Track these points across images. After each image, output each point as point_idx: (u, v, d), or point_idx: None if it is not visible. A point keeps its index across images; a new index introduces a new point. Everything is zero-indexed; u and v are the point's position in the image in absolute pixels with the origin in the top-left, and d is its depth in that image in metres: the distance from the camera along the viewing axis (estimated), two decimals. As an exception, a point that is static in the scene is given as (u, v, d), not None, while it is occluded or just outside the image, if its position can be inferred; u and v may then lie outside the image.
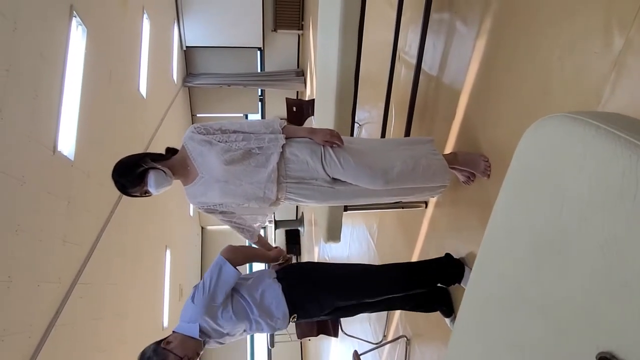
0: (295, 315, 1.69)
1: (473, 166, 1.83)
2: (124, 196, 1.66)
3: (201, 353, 1.56)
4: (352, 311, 1.89)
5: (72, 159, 3.17)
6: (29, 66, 2.68)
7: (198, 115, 8.86)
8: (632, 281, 0.44)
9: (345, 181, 1.72)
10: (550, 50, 1.41)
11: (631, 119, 0.52)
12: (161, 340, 1.54)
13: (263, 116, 9.06)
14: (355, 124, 3.97)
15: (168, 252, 6.44)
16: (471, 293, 0.77)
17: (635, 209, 0.43)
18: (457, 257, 1.97)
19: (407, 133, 2.35)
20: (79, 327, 3.29)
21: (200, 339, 1.56)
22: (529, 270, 0.59)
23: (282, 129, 1.68)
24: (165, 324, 6.10)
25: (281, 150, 1.64)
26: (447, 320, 2.03)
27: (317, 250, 6.97)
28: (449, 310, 2.01)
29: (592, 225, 0.49)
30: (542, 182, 0.57)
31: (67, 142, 3.17)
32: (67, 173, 3.12)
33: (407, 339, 2.88)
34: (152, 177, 1.59)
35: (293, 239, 10.41)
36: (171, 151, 1.70)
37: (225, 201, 1.73)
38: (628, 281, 0.44)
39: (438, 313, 2.10)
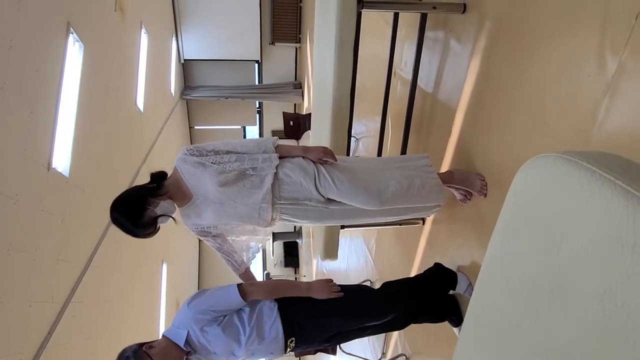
0: (293, 339, 1.65)
1: (469, 185, 1.82)
2: None
3: None
4: (351, 336, 1.85)
5: (67, 176, 3.15)
6: (24, 83, 2.67)
7: (196, 127, 8.88)
8: (631, 335, 0.42)
9: (339, 201, 1.70)
10: (545, 71, 1.41)
11: (627, 161, 0.50)
12: (145, 343, 1.50)
13: (261, 128, 9.07)
14: (352, 138, 3.98)
15: (164, 266, 6.38)
16: (469, 325, 0.75)
17: (634, 260, 0.42)
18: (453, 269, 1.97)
19: (404, 148, 2.35)
20: (73, 347, 3.23)
21: (184, 348, 1.51)
22: (526, 312, 0.57)
23: (275, 148, 1.66)
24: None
25: (275, 170, 1.62)
26: (456, 330, 1.99)
27: (315, 262, 6.92)
28: (458, 320, 1.97)
29: (590, 274, 0.47)
30: (537, 226, 0.55)
31: (62, 159, 3.15)
32: (62, 190, 3.09)
33: (406, 358, 2.83)
34: (164, 219, 1.58)
35: (291, 251, 10.35)
36: (156, 177, 1.64)
37: (219, 222, 1.70)
38: (628, 335, 0.42)
39: (439, 330, 2.07)
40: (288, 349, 1.65)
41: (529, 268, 0.55)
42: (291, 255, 10.44)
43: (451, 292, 1.98)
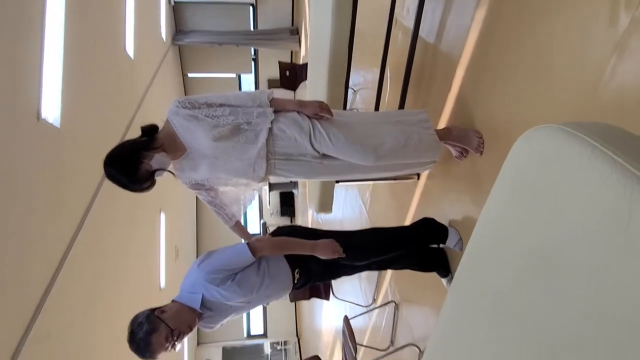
0: (298, 269, 1.73)
1: (467, 142, 1.81)
2: None
3: (194, 328, 1.58)
4: (340, 273, 1.92)
5: (59, 126, 3.09)
6: (4, 31, 2.53)
7: (189, 75, 8.61)
8: (619, 311, 0.43)
9: (334, 157, 1.69)
10: (552, 26, 1.35)
11: (632, 136, 0.49)
12: (157, 308, 1.53)
13: (256, 76, 8.82)
14: (350, 90, 3.89)
15: (162, 215, 6.47)
16: (456, 290, 0.77)
17: (627, 239, 0.42)
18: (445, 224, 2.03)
19: (402, 102, 2.29)
20: (74, 295, 3.34)
21: (200, 311, 1.56)
22: (516, 282, 0.58)
23: (270, 102, 1.62)
24: (163, 285, 6.24)
25: (269, 125, 1.59)
26: (444, 280, 2.07)
27: (311, 212, 7.03)
28: (446, 271, 2.05)
29: (584, 249, 0.48)
30: (533, 197, 0.55)
31: (51, 109, 3.06)
32: (54, 141, 3.04)
33: (396, 304, 2.97)
34: (161, 173, 1.56)
35: (287, 201, 10.48)
36: (148, 130, 1.60)
37: (214, 176, 1.70)
38: (608, 312, 0.43)
39: (427, 279, 2.15)
40: (295, 281, 1.74)
41: (522, 238, 0.55)
42: (287, 205, 10.59)
43: (441, 245, 2.04)
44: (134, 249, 5.01)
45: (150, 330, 1.44)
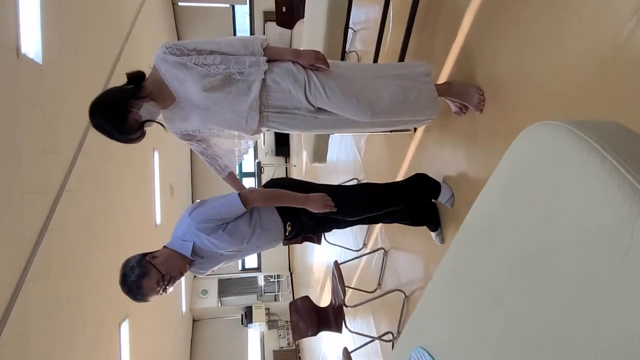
0: (290, 222, 1.75)
1: (467, 99, 1.74)
2: None
3: (184, 274, 1.61)
4: (333, 225, 1.95)
5: (41, 62, 2.92)
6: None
7: (180, 4, 8.08)
8: (602, 324, 0.42)
9: (329, 111, 1.63)
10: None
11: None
12: (148, 253, 1.56)
13: (251, 8, 8.31)
14: (350, 30, 3.67)
15: (156, 154, 6.43)
16: (444, 269, 0.77)
17: (624, 264, 0.40)
18: (438, 180, 2.03)
19: (405, 46, 2.16)
20: (71, 232, 3.40)
21: (191, 257, 1.59)
22: (504, 275, 0.58)
23: (263, 51, 1.52)
24: (158, 221, 6.37)
25: (263, 76, 1.51)
26: (433, 234, 2.12)
27: (304, 149, 7.02)
28: (435, 226, 2.09)
29: (574, 256, 0.46)
30: (531, 195, 0.52)
31: (32, 44, 2.88)
32: (37, 78, 2.90)
33: (385, 251, 3.07)
34: (150, 124, 1.50)
35: (282, 140, 10.41)
36: (133, 77, 1.52)
37: (205, 128, 1.65)
38: (600, 322, 0.43)
39: (417, 229, 2.19)
40: (287, 233, 1.77)
41: (518, 233, 0.54)
42: (282, 144, 10.54)
43: (433, 201, 2.05)
44: (128, 186, 5.02)
45: (141, 274, 1.48)
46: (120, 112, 1.44)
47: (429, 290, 0.80)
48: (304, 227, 1.84)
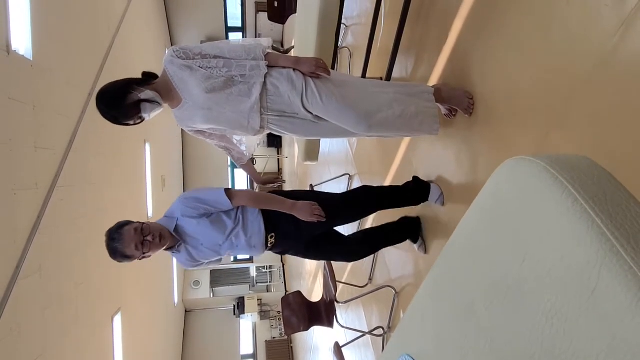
0: (273, 234, 1.77)
1: (457, 103, 1.77)
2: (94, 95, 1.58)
3: (165, 244, 1.65)
4: (322, 243, 1.96)
5: (31, 59, 2.89)
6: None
7: (170, -7, 7.95)
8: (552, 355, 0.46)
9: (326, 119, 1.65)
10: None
11: (616, 187, 0.49)
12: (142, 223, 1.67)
13: (244, 3, 8.20)
14: (342, 26, 3.66)
15: (147, 146, 6.39)
16: (427, 290, 0.80)
17: (589, 304, 0.44)
18: (427, 180, 2.08)
19: (397, 43, 2.16)
20: (64, 228, 3.39)
21: (174, 234, 1.67)
22: (482, 299, 0.62)
23: (265, 57, 1.56)
24: (150, 213, 6.36)
25: (263, 80, 1.54)
26: (415, 246, 2.18)
27: (297, 147, 7.03)
28: (415, 239, 2.17)
29: (545, 291, 0.50)
30: (507, 227, 0.56)
31: (22, 41, 2.84)
32: (27, 75, 2.86)
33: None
34: (147, 105, 1.52)
35: (275, 132, 10.37)
36: (148, 75, 1.60)
37: (209, 127, 1.69)
38: (552, 351, 0.47)
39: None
40: (268, 244, 1.79)
41: (494, 260, 0.58)
42: (274, 135, 10.49)
43: (423, 204, 2.09)
44: (120, 179, 5.01)
45: (123, 223, 1.62)
46: (121, 90, 1.51)
47: (416, 300, 0.84)
48: (290, 246, 1.88)
